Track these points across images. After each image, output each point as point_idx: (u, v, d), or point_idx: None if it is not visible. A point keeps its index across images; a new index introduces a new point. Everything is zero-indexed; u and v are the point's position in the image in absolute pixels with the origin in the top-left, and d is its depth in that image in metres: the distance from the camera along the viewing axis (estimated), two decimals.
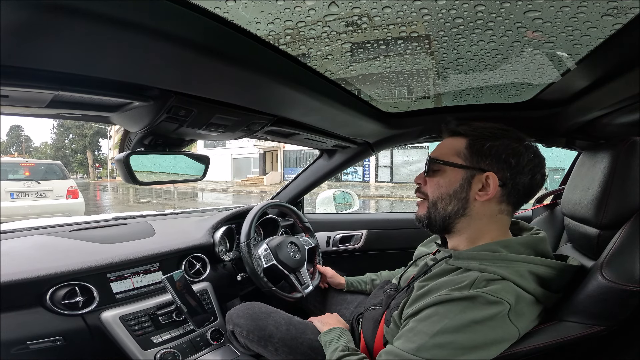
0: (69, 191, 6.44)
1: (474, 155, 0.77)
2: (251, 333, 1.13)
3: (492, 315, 0.64)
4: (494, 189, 0.74)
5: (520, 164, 0.74)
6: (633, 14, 0.56)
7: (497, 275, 0.68)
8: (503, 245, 0.74)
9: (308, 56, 0.79)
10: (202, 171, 1.18)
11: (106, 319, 1.10)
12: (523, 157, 0.74)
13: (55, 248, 1.18)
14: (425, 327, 0.66)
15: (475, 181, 0.76)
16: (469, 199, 0.77)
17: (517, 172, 0.74)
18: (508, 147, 0.75)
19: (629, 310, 0.66)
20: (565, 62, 0.81)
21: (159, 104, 0.76)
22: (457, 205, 0.78)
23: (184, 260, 1.38)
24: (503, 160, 0.74)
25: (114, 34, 0.47)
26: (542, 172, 0.77)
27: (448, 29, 0.68)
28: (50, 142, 43.92)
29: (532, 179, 0.75)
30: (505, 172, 0.75)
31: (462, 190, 0.77)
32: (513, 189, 0.75)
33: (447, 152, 0.81)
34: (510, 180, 0.75)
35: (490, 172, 0.75)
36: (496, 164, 0.75)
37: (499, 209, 0.77)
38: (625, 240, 0.72)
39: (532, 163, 0.75)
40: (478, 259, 0.73)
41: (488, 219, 0.78)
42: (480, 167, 0.76)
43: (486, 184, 0.75)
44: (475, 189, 0.76)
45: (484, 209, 0.77)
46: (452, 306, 0.66)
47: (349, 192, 2.35)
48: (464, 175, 0.77)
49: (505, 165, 0.74)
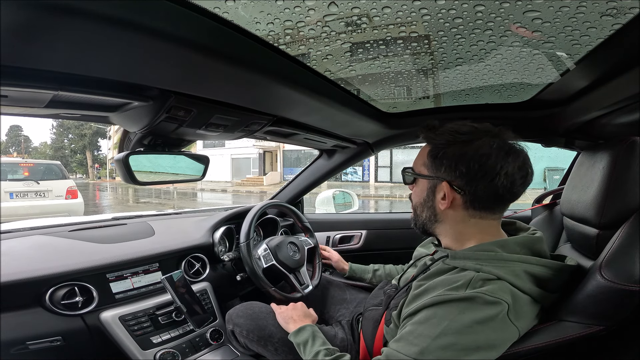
0: (68, 191, 6.44)
1: (432, 164, 0.78)
2: (251, 333, 1.13)
3: (493, 316, 0.64)
4: (449, 197, 0.75)
5: (471, 169, 0.72)
6: (632, 14, 0.56)
7: (493, 275, 0.68)
8: (499, 245, 0.74)
9: (308, 56, 0.79)
10: (202, 171, 1.18)
11: (105, 319, 1.10)
12: (473, 162, 0.72)
13: (55, 248, 1.18)
14: (427, 330, 0.66)
15: (437, 190, 0.78)
16: (435, 207, 0.79)
17: (470, 179, 0.73)
18: (457, 153, 0.74)
19: (629, 310, 0.66)
20: (565, 62, 0.81)
21: (159, 104, 0.75)
22: (428, 213, 0.81)
23: (184, 260, 1.38)
24: (454, 168, 0.74)
25: (114, 34, 0.47)
26: (507, 171, 0.71)
27: (447, 29, 0.68)
28: (49, 142, 43.92)
29: (492, 183, 0.71)
30: (459, 179, 0.74)
31: (428, 200, 0.80)
32: (473, 195, 0.74)
33: (418, 162, 0.83)
34: (466, 187, 0.74)
35: (444, 182, 0.75)
36: (450, 172, 0.75)
37: (468, 214, 0.76)
38: (625, 240, 0.72)
39: (485, 166, 0.71)
40: (474, 258, 0.73)
41: (463, 224, 0.78)
42: (438, 176, 0.77)
43: (445, 191, 0.76)
44: (438, 197, 0.77)
45: (452, 215, 0.78)
46: (450, 307, 0.66)
47: (348, 192, 2.35)
48: (428, 184, 0.79)
49: (458, 173, 0.74)
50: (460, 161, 0.73)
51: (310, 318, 1.07)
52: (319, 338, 0.93)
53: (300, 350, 0.93)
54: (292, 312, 1.08)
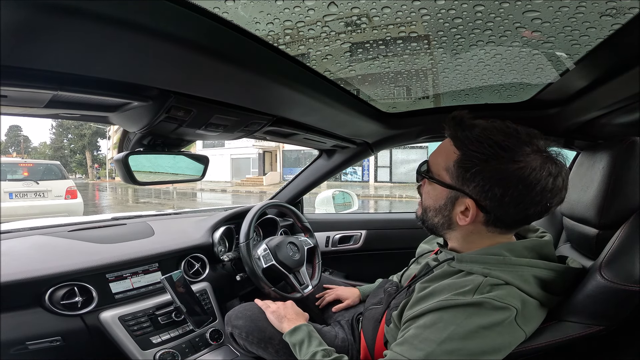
0: (68, 191, 6.43)
1: (459, 176, 0.70)
2: (250, 335, 1.12)
3: (500, 321, 0.63)
4: (473, 216, 0.70)
5: (507, 196, 0.66)
6: (632, 14, 0.56)
7: (501, 280, 0.67)
8: (507, 248, 0.72)
9: (307, 56, 0.79)
10: (201, 171, 1.18)
11: (105, 319, 1.09)
12: (513, 190, 0.65)
13: (54, 248, 1.18)
14: (432, 334, 0.65)
15: (458, 202, 0.72)
16: (452, 217, 0.74)
17: (502, 204, 0.67)
18: (496, 175, 0.66)
19: (628, 310, 0.66)
20: (564, 62, 0.81)
21: (158, 104, 0.75)
22: (442, 220, 0.76)
23: (183, 260, 1.37)
24: (488, 190, 0.67)
25: (113, 34, 0.47)
26: (547, 200, 0.66)
27: (447, 29, 0.68)
28: (48, 142, 43.88)
29: (526, 211, 0.67)
30: (490, 201, 0.68)
31: (445, 208, 0.75)
32: (499, 218, 0.69)
33: (439, 164, 0.75)
34: (495, 210, 0.69)
35: (470, 200, 0.69)
36: (480, 192, 0.68)
37: (486, 229, 0.73)
38: (624, 240, 0.72)
39: (525, 197, 0.65)
40: (481, 262, 0.71)
41: (477, 235, 0.75)
42: (463, 190, 0.70)
43: (469, 208, 0.70)
44: (458, 210, 0.72)
45: (469, 228, 0.74)
46: (457, 312, 0.65)
47: (348, 192, 2.35)
48: (448, 194, 0.73)
49: (490, 195, 0.67)
50: (498, 184, 0.66)
51: (303, 317, 1.05)
52: (315, 338, 0.91)
53: (296, 351, 0.91)
54: (285, 311, 1.06)
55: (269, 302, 1.12)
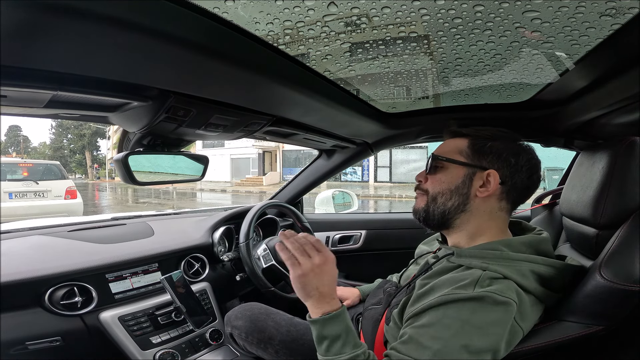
0: (68, 191, 6.43)
1: (475, 153, 0.80)
2: (250, 335, 1.12)
3: (504, 316, 0.64)
4: (495, 185, 0.77)
5: (519, 163, 0.78)
6: (631, 14, 0.56)
7: (499, 274, 0.68)
8: (505, 244, 0.74)
9: (307, 56, 0.79)
10: (201, 171, 1.17)
11: (105, 320, 1.09)
12: (521, 157, 0.78)
13: (54, 248, 1.18)
14: (438, 332, 0.64)
15: (476, 178, 0.79)
16: (470, 195, 0.79)
17: (515, 171, 0.78)
18: (507, 146, 0.79)
19: (628, 310, 0.66)
20: (564, 62, 0.81)
21: (158, 104, 0.75)
22: (458, 201, 0.80)
23: (183, 260, 1.37)
24: (503, 159, 0.78)
25: (113, 34, 0.47)
26: (538, 173, 0.81)
27: (447, 29, 0.68)
28: (48, 143, 43.87)
29: (529, 179, 0.79)
30: (505, 170, 0.78)
31: (463, 187, 0.79)
32: (512, 187, 0.78)
33: (449, 151, 0.83)
34: (510, 178, 0.78)
35: (491, 170, 0.77)
36: (497, 162, 0.78)
37: (499, 206, 0.79)
38: (624, 240, 0.72)
39: (529, 163, 0.79)
40: (480, 257, 0.73)
41: (488, 216, 0.79)
42: (481, 165, 0.79)
43: (487, 181, 0.78)
44: (477, 185, 0.78)
45: (484, 205, 0.79)
46: (461, 307, 0.65)
47: (348, 192, 2.34)
48: (465, 172, 0.80)
49: (506, 164, 0.78)
50: (509, 153, 0.78)
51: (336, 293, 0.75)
52: (352, 334, 0.70)
53: (323, 345, 0.70)
54: (317, 280, 0.71)
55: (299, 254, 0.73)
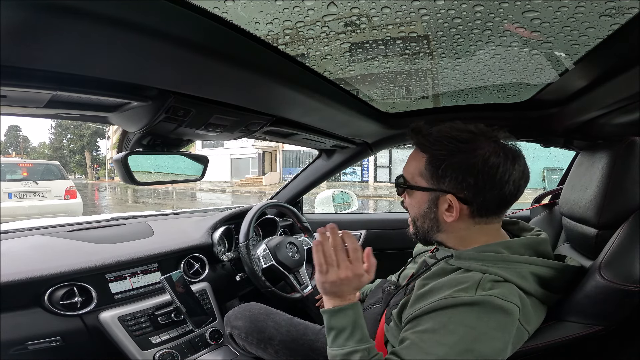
0: (67, 191, 6.42)
1: (433, 176, 0.74)
2: (250, 335, 1.12)
3: (509, 321, 0.63)
4: (457, 210, 0.72)
5: (480, 180, 0.70)
6: (631, 14, 0.56)
7: (500, 277, 0.67)
8: (504, 246, 0.73)
9: (307, 56, 0.79)
10: (201, 171, 1.18)
11: (105, 320, 1.09)
12: (482, 174, 0.69)
13: (54, 248, 1.18)
14: (443, 338, 0.63)
15: (440, 201, 0.75)
16: (439, 218, 0.76)
17: (478, 190, 0.70)
18: (464, 164, 0.70)
19: (628, 310, 0.66)
20: (563, 62, 0.81)
21: (158, 104, 0.75)
22: (430, 224, 0.78)
23: (183, 260, 1.37)
24: (461, 180, 0.71)
25: (112, 34, 0.47)
26: (515, 177, 0.70)
27: (447, 29, 0.68)
28: (48, 143, 43.79)
29: (501, 191, 0.70)
30: (467, 191, 0.71)
31: (430, 211, 0.77)
32: (481, 205, 0.72)
33: (412, 171, 0.79)
34: (475, 198, 0.71)
35: (449, 195, 0.72)
36: (456, 185, 0.72)
37: (473, 221, 0.75)
38: (624, 240, 0.72)
39: (495, 177, 0.69)
40: (479, 259, 0.71)
41: (467, 231, 0.76)
42: (441, 189, 0.74)
43: (452, 204, 0.73)
44: (442, 209, 0.75)
45: (458, 224, 0.75)
46: (464, 312, 0.64)
47: (347, 192, 2.34)
48: (428, 196, 0.76)
49: (465, 185, 0.71)
50: (467, 173, 0.70)
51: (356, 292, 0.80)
52: (359, 330, 0.72)
53: (330, 336, 0.74)
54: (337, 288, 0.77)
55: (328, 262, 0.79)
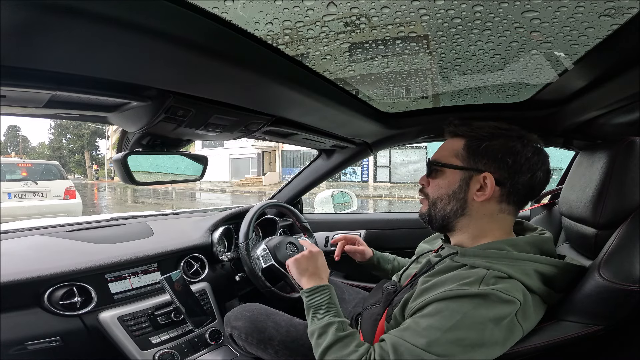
0: (67, 191, 6.42)
1: (471, 156, 0.77)
2: (250, 336, 1.12)
3: (505, 314, 0.64)
4: (491, 189, 0.74)
5: (517, 162, 0.74)
6: (630, 14, 0.56)
7: (504, 274, 0.68)
8: (509, 243, 0.74)
9: (306, 56, 0.79)
10: (200, 171, 1.18)
11: (104, 320, 1.09)
12: (520, 156, 0.74)
13: (53, 248, 1.18)
14: (437, 322, 0.65)
15: (473, 182, 0.76)
16: (467, 199, 0.77)
17: (515, 172, 0.74)
18: (504, 146, 0.75)
19: (627, 310, 0.66)
20: (563, 62, 0.81)
21: (157, 104, 0.75)
22: (456, 205, 0.79)
23: (182, 260, 1.37)
24: (499, 160, 0.74)
25: (112, 34, 0.47)
26: (545, 169, 0.76)
27: (446, 29, 0.68)
28: (47, 143, 43.73)
29: (533, 177, 0.74)
30: (503, 171, 0.74)
31: (460, 191, 0.78)
32: (512, 188, 0.75)
33: (446, 154, 0.81)
34: (509, 180, 0.74)
35: (486, 173, 0.75)
36: (493, 164, 0.75)
37: (499, 208, 0.77)
38: (623, 240, 0.72)
39: (530, 161, 0.74)
40: (484, 256, 0.72)
41: (488, 218, 0.78)
42: (477, 168, 0.76)
43: (484, 184, 0.75)
44: (474, 189, 0.76)
45: (483, 208, 0.77)
46: (463, 302, 0.65)
47: (347, 192, 2.34)
48: (462, 176, 0.78)
49: (502, 165, 0.74)
50: (507, 153, 0.74)
51: (326, 273, 0.96)
52: (334, 306, 0.83)
53: (309, 314, 0.83)
54: (307, 263, 0.95)
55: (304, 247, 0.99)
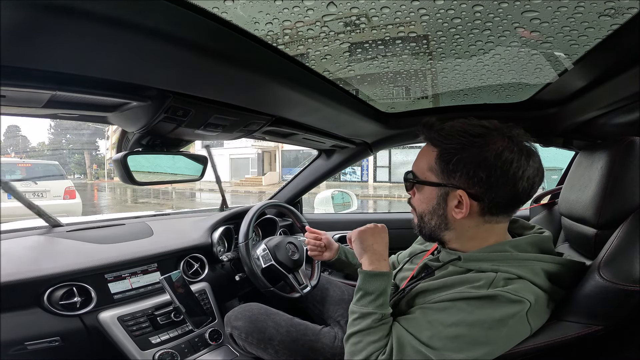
0: (66, 191, 6.41)
1: (444, 171, 0.71)
2: (250, 335, 1.12)
3: (512, 314, 0.64)
4: (467, 206, 0.70)
5: (492, 176, 0.67)
6: (630, 15, 0.56)
7: (513, 275, 0.67)
8: (511, 245, 0.73)
9: (306, 56, 0.79)
10: (200, 171, 1.18)
11: (104, 320, 1.09)
12: (494, 169, 0.67)
13: (53, 248, 1.18)
14: (441, 317, 0.66)
15: (450, 198, 0.72)
16: (447, 215, 0.74)
17: (490, 186, 0.68)
18: (476, 158, 0.68)
19: (627, 310, 0.66)
20: (563, 63, 0.81)
21: (157, 104, 0.75)
22: (438, 221, 0.76)
23: (182, 260, 1.37)
24: (472, 176, 0.68)
25: (112, 34, 0.47)
26: (529, 174, 0.68)
27: (446, 29, 0.68)
28: (47, 143, 43.78)
29: (514, 188, 0.68)
30: (478, 187, 0.68)
31: (439, 207, 0.74)
32: (492, 202, 0.69)
33: (422, 167, 0.76)
34: (485, 195, 0.69)
35: (460, 190, 0.70)
36: (467, 180, 0.69)
37: (484, 219, 0.73)
38: (623, 240, 0.72)
39: (507, 173, 0.67)
40: (489, 260, 0.71)
41: (475, 230, 0.74)
42: (451, 184, 0.71)
43: (461, 200, 0.70)
44: (452, 205, 0.72)
45: (467, 222, 0.73)
46: (470, 302, 0.65)
47: (347, 192, 2.35)
48: (438, 192, 0.73)
49: (476, 180, 0.68)
50: (479, 168, 0.67)
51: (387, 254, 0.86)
52: (384, 297, 0.76)
53: (358, 295, 0.78)
54: (374, 238, 0.85)
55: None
